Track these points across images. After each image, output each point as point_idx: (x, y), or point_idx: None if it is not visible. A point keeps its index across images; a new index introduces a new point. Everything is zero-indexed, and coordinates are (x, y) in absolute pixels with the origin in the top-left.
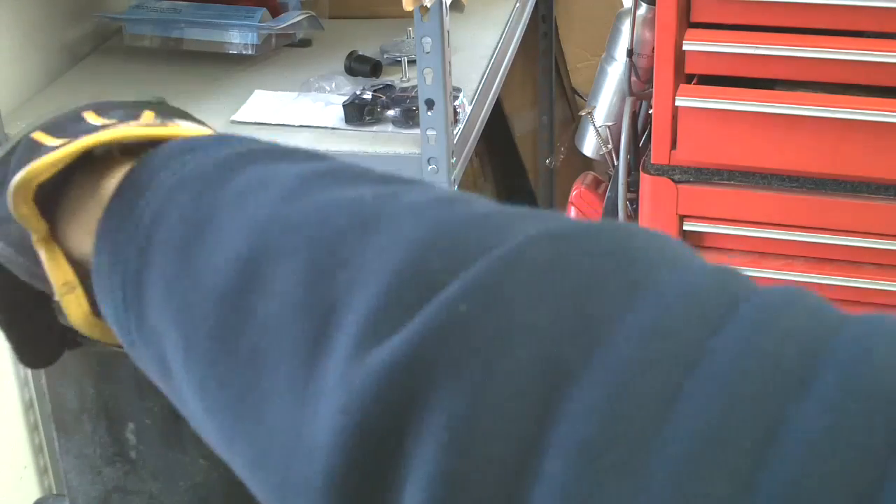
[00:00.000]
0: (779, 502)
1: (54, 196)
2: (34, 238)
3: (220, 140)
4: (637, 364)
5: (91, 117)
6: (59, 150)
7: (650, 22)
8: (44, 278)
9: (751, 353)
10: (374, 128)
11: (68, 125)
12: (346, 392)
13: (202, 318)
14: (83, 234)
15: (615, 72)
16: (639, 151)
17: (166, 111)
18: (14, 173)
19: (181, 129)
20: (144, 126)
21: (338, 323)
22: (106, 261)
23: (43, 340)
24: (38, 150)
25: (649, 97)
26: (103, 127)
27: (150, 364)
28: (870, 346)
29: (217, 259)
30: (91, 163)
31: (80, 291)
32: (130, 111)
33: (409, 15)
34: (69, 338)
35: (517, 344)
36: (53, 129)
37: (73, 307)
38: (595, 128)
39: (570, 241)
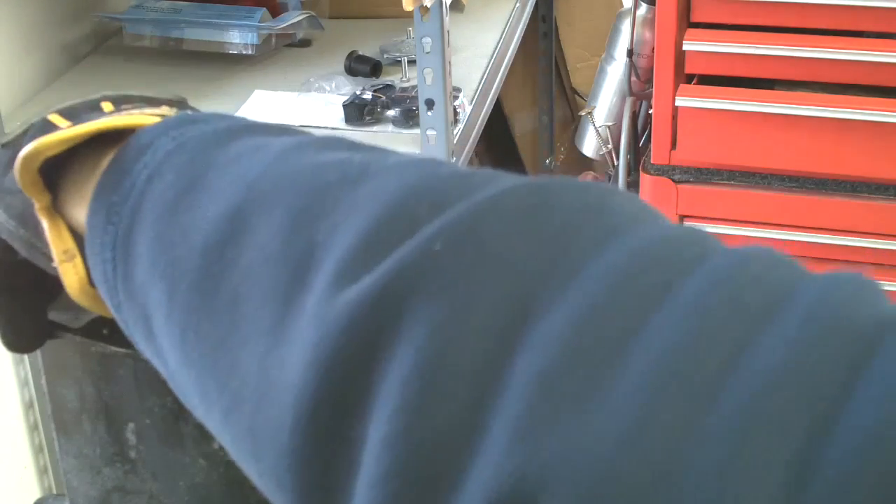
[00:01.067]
0: (738, 421)
1: (60, 170)
2: (37, 207)
3: (221, 115)
4: (602, 301)
5: (108, 108)
6: (71, 129)
7: (650, 22)
8: (43, 252)
9: (717, 293)
10: (375, 128)
11: (83, 113)
12: (318, 328)
13: (187, 269)
14: (84, 205)
15: (615, 72)
16: (639, 151)
17: (185, 109)
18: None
19: None
20: (157, 113)
21: (316, 266)
22: (100, 220)
23: (29, 327)
24: (50, 130)
25: (649, 97)
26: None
27: (135, 325)
28: (832, 290)
29: (206, 213)
30: (99, 141)
31: (78, 260)
32: (149, 104)
33: (409, 15)
34: (53, 328)
35: (487, 280)
36: (69, 113)
37: (71, 275)
38: (595, 128)
39: (550, 192)
